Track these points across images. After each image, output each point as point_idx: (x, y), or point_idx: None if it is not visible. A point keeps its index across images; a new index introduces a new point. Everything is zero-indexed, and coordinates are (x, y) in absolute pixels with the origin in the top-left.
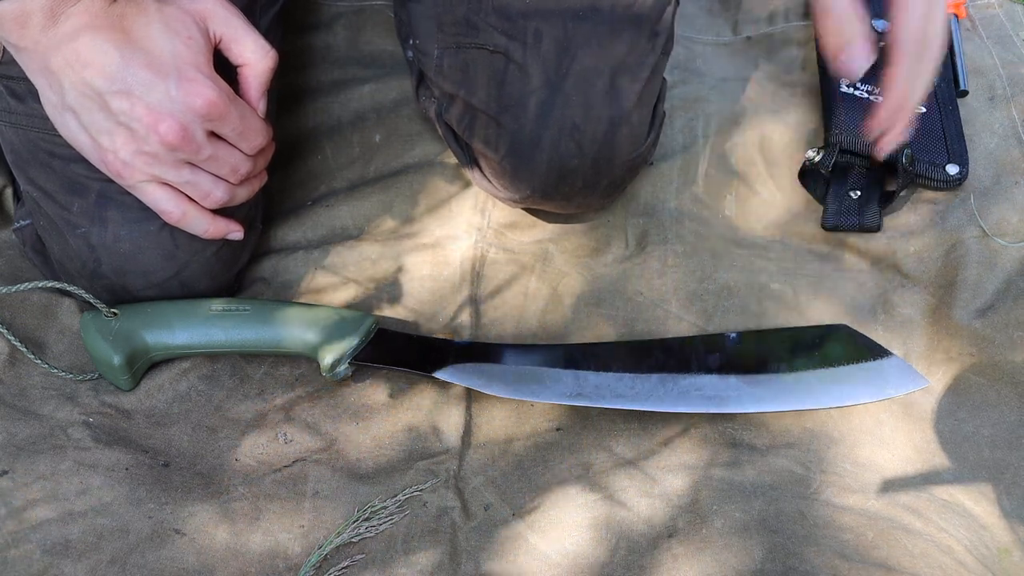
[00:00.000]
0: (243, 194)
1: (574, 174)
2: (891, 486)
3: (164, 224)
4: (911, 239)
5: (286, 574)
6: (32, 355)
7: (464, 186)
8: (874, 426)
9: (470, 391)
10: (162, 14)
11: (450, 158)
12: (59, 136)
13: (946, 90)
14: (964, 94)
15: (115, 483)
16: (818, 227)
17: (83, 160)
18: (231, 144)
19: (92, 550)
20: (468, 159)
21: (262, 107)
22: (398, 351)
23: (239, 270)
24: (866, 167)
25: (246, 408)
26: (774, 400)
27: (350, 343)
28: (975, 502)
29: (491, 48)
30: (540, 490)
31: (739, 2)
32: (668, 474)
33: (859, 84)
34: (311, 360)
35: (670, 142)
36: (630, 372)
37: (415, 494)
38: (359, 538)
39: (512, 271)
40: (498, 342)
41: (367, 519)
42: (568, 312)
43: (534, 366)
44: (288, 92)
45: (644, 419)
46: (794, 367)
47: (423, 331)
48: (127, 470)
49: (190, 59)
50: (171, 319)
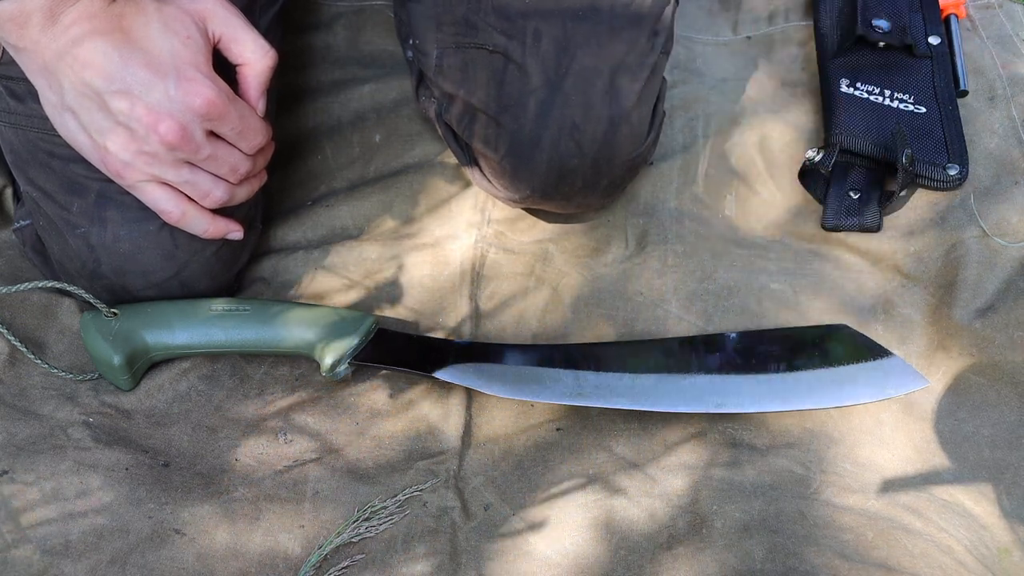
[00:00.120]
0: (243, 194)
1: (574, 174)
2: (891, 486)
3: (164, 224)
4: (911, 239)
5: (286, 574)
6: (32, 355)
7: (464, 186)
8: (874, 426)
9: (470, 391)
10: (161, 14)
11: (450, 158)
12: (58, 136)
13: (946, 90)
14: (964, 94)
15: (115, 483)
16: (818, 227)
17: (82, 160)
18: (230, 144)
19: (92, 550)
20: (468, 159)
21: (261, 107)
22: (398, 351)
23: (239, 270)
24: (866, 167)
25: (246, 408)
26: (774, 400)
27: (350, 343)
28: (975, 502)
29: (490, 48)
30: (540, 490)
31: (739, 2)
32: (668, 474)
33: (859, 84)
34: (311, 360)
35: (670, 142)
36: (630, 372)
37: (415, 494)
38: (359, 538)
39: (512, 271)
40: (498, 342)
41: (367, 519)
42: (568, 312)
43: (534, 366)
44: (288, 92)
45: (644, 419)
46: (794, 367)
47: (423, 331)
48: (127, 470)
49: (189, 59)
50: (171, 319)
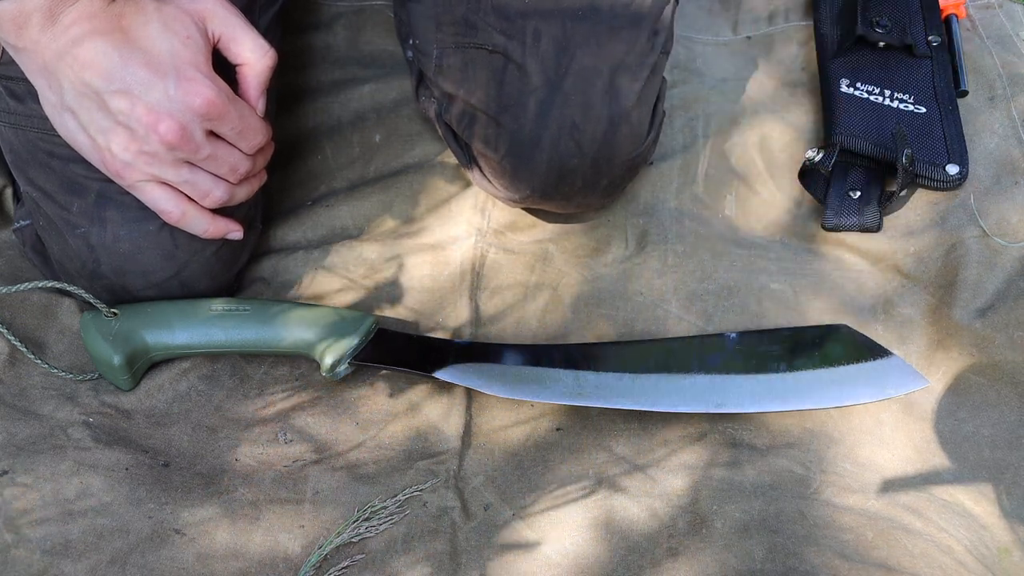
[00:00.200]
0: (242, 193)
1: (574, 174)
2: (891, 486)
3: (163, 224)
4: (911, 239)
5: (286, 574)
6: (32, 355)
7: (464, 186)
8: (874, 426)
9: (470, 391)
10: (161, 13)
11: (450, 158)
12: (58, 136)
13: (946, 90)
14: (964, 94)
15: (115, 483)
16: (818, 227)
17: (82, 160)
18: (230, 143)
19: (92, 550)
20: (468, 159)
21: (261, 106)
22: (398, 351)
23: (239, 270)
24: (866, 167)
25: (246, 408)
26: (774, 400)
27: (350, 343)
28: (975, 502)
29: (490, 48)
30: (540, 490)
31: (739, 2)
32: (668, 474)
33: (859, 84)
34: (311, 360)
35: (670, 142)
36: (630, 372)
37: (415, 494)
38: (359, 538)
39: (512, 271)
40: (498, 342)
41: (367, 519)
42: (568, 312)
43: (534, 366)
44: (288, 92)
45: (644, 419)
46: (794, 367)
47: (423, 331)
48: (127, 470)
49: (189, 58)
50: (171, 319)
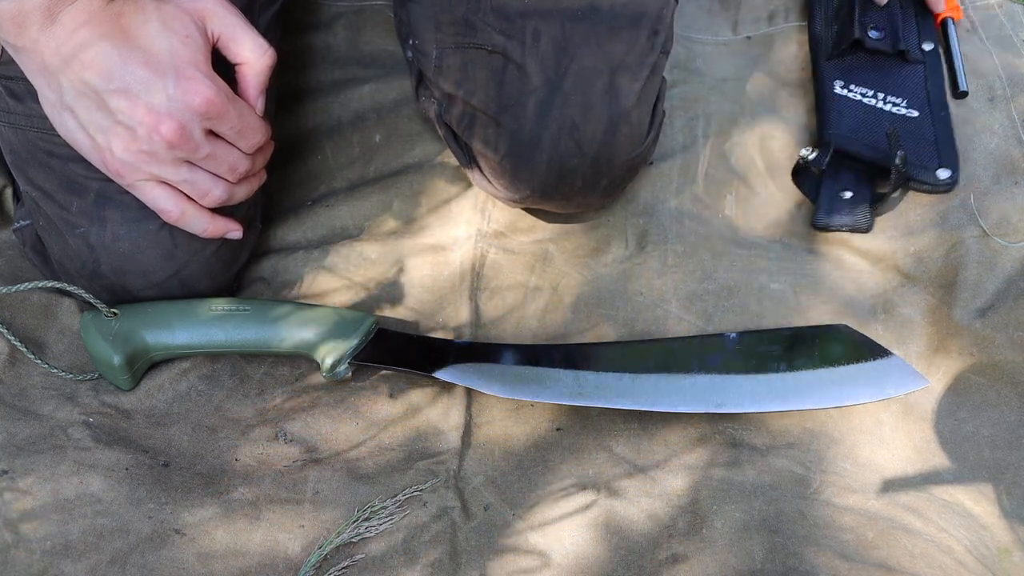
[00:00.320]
0: (242, 193)
1: (574, 174)
2: (891, 486)
3: (163, 223)
4: (911, 239)
5: (286, 574)
6: (32, 355)
7: (464, 186)
8: (874, 426)
9: (470, 391)
10: (160, 12)
11: (450, 158)
12: (58, 136)
13: (938, 94)
14: (964, 95)
15: (115, 483)
16: None
17: (82, 160)
18: (229, 143)
19: (92, 550)
20: (468, 159)
21: (260, 106)
22: (398, 351)
23: (238, 269)
24: (858, 168)
25: (246, 408)
26: (774, 400)
27: (350, 343)
28: (975, 502)
29: (490, 48)
30: (540, 490)
31: (739, 2)
32: (668, 474)
33: (853, 86)
34: (311, 360)
35: (670, 142)
36: (630, 372)
37: (415, 494)
38: (359, 538)
39: (512, 271)
40: (498, 342)
41: (367, 519)
42: (568, 312)
43: (534, 366)
44: (288, 92)
45: (644, 419)
46: (794, 367)
47: (423, 331)
48: (127, 470)
49: (188, 58)
50: (171, 319)
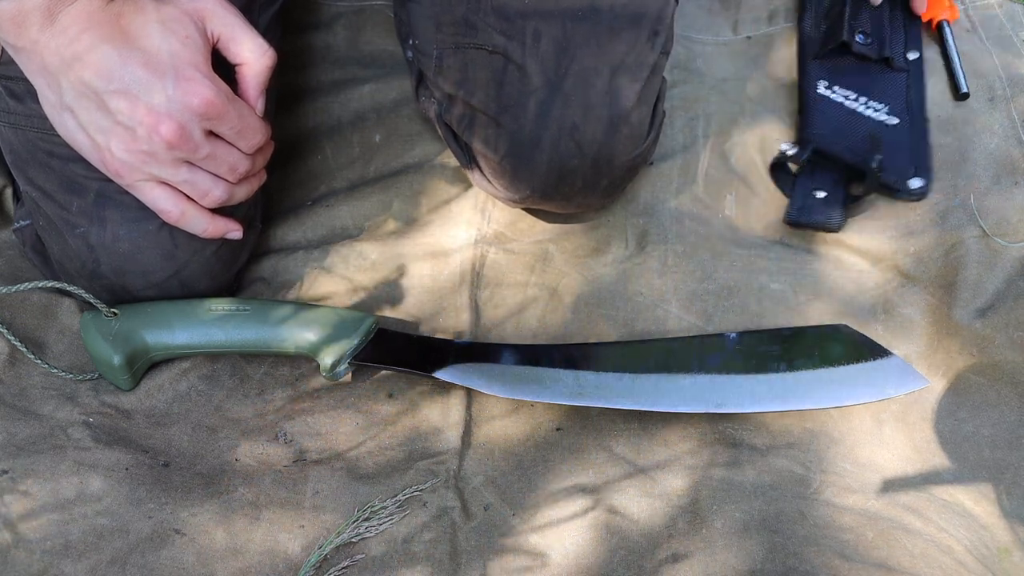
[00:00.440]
0: (242, 193)
1: (574, 174)
2: (891, 486)
3: (163, 223)
4: (911, 239)
5: (286, 574)
6: (32, 355)
7: (464, 186)
8: (874, 426)
9: (470, 391)
10: (160, 13)
11: (450, 158)
12: (58, 136)
13: (919, 105)
14: (965, 97)
15: (115, 483)
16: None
17: (82, 160)
18: (229, 143)
19: (92, 550)
20: (468, 159)
21: (260, 106)
22: (398, 351)
23: (238, 270)
24: (833, 169)
25: (246, 408)
26: (774, 400)
27: (350, 343)
28: (975, 502)
29: (490, 48)
30: (540, 490)
31: (739, 2)
32: (668, 474)
33: (837, 88)
34: (311, 360)
35: (670, 142)
36: (630, 372)
37: (415, 494)
38: (359, 538)
39: (512, 271)
40: (498, 342)
41: (367, 519)
42: (568, 312)
43: (534, 366)
44: (288, 92)
45: (644, 419)
46: (794, 367)
47: (423, 331)
48: (127, 470)
49: (188, 58)
50: (171, 319)
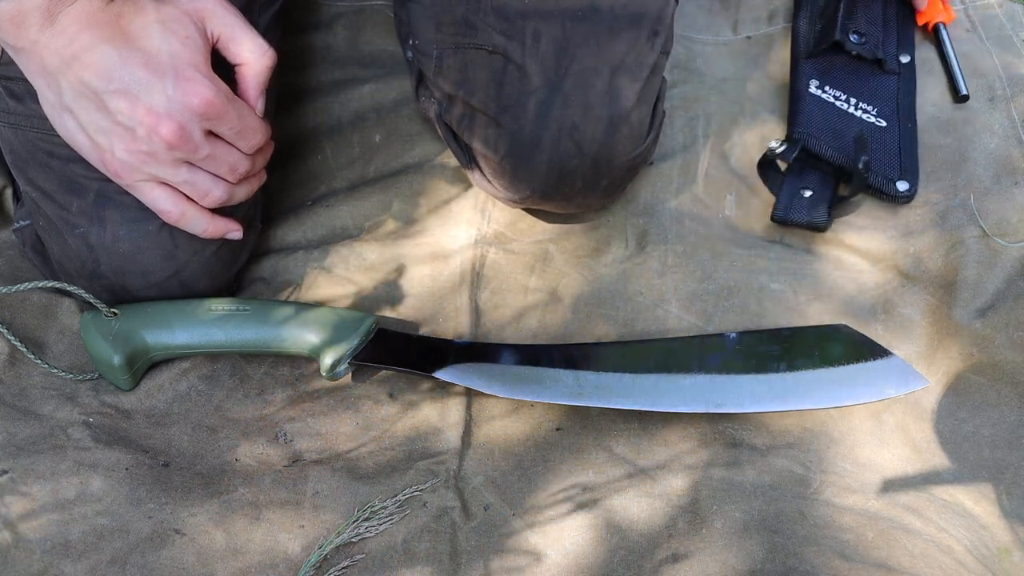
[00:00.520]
0: (242, 193)
1: (574, 174)
2: (891, 486)
3: (163, 224)
4: (911, 239)
5: (286, 574)
6: (32, 355)
7: (464, 186)
8: (874, 426)
9: (470, 391)
10: (159, 13)
11: (450, 158)
12: (57, 136)
13: (908, 108)
14: (965, 99)
15: (115, 483)
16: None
17: (82, 160)
18: (229, 143)
19: (92, 550)
20: (468, 159)
21: (260, 106)
22: (398, 351)
23: (238, 270)
24: (821, 168)
25: (246, 408)
26: (774, 400)
27: (350, 343)
28: (975, 502)
29: (490, 48)
30: (540, 490)
31: (739, 2)
32: (668, 474)
33: (827, 88)
34: (311, 360)
35: (670, 142)
36: (630, 372)
37: (415, 494)
38: (359, 538)
39: (512, 271)
40: (498, 342)
41: (367, 519)
42: (568, 312)
43: (534, 366)
44: (288, 92)
45: (644, 419)
46: (794, 367)
47: (423, 331)
48: (127, 470)
49: (187, 58)
50: (171, 319)
